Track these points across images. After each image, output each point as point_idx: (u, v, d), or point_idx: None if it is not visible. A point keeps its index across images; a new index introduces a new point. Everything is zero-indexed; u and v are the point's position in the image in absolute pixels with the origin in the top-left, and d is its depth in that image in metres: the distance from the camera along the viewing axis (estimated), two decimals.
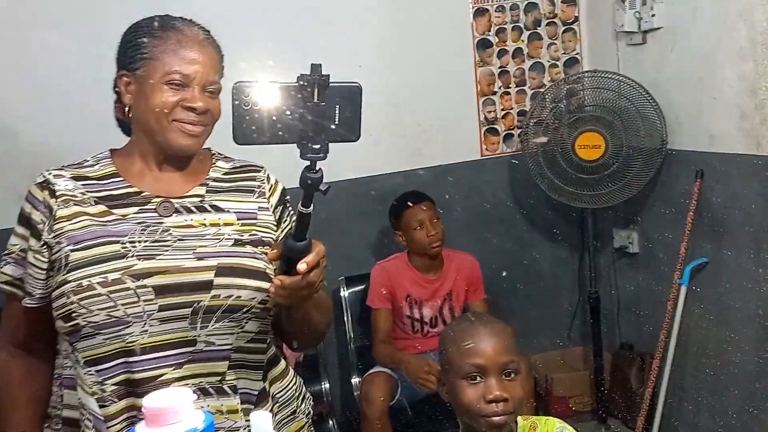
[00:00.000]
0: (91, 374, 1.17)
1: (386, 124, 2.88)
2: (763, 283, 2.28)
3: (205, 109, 1.22)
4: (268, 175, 1.36)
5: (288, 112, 0.94)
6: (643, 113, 2.65)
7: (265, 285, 1.21)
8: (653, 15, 2.63)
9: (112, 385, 1.16)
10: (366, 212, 2.90)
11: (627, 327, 3.11)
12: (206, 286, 1.18)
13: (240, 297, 1.20)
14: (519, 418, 1.36)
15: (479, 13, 2.97)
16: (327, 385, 2.71)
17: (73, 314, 1.15)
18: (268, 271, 1.23)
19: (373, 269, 2.66)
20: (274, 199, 1.33)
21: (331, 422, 2.60)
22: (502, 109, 3.07)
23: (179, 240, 1.21)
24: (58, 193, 1.21)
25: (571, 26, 3.08)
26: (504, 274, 3.06)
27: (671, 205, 2.73)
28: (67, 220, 1.20)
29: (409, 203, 2.60)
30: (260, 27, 2.66)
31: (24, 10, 2.50)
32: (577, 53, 3.11)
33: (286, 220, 1.34)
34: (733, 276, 2.43)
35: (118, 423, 1.17)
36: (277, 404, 1.31)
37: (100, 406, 1.16)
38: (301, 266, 1.04)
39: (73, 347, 1.18)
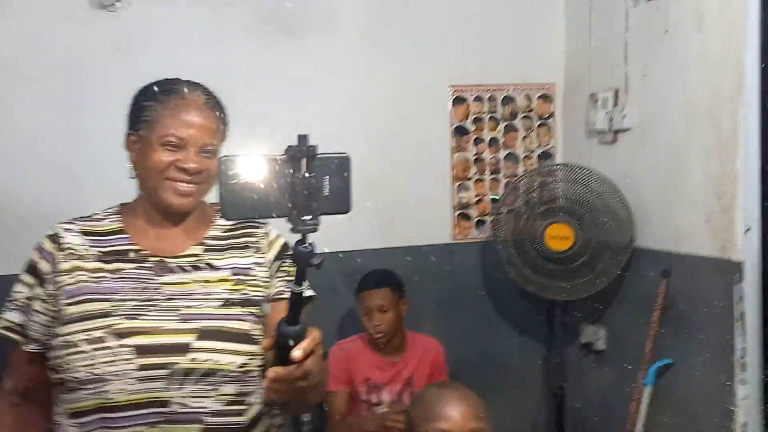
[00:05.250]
0: (74, 426, 1.19)
1: (361, 201, 2.86)
2: (726, 388, 2.24)
3: (198, 170, 1.26)
4: (269, 230, 1.37)
5: (276, 185, 0.91)
6: (613, 209, 2.68)
7: (246, 348, 1.22)
8: (624, 116, 2.69)
9: None
10: (336, 288, 2.85)
11: (592, 425, 3.04)
12: (184, 348, 1.19)
13: (219, 361, 1.20)
14: None
15: (458, 101, 3.03)
16: None
17: (59, 368, 1.19)
18: (253, 332, 1.24)
19: (331, 350, 2.57)
20: (272, 254, 1.35)
21: None
22: (476, 195, 3.10)
23: (168, 299, 1.23)
24: (63, 246, 1.27)
25: (546, 121, 3.16)
26: (469, 361, 3.00)
27: (638, 302, 2.71)
28: (66, 274, 1.24)
29: (364, 287, 2.56)
30: (247, 99, 2.68)
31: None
32: (551, 146, 3.17)
33: (279, 275, 1.34)
34: (699, 379, 2.39)
35: None
36: None
37: None
38: (297, 353, 0.96)
39: (60, 398, 1.22)
